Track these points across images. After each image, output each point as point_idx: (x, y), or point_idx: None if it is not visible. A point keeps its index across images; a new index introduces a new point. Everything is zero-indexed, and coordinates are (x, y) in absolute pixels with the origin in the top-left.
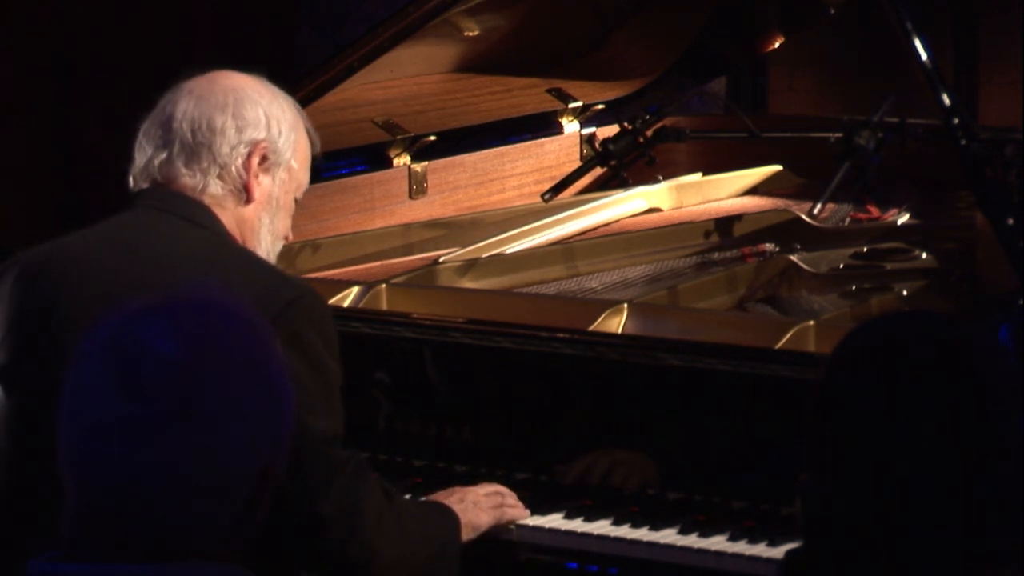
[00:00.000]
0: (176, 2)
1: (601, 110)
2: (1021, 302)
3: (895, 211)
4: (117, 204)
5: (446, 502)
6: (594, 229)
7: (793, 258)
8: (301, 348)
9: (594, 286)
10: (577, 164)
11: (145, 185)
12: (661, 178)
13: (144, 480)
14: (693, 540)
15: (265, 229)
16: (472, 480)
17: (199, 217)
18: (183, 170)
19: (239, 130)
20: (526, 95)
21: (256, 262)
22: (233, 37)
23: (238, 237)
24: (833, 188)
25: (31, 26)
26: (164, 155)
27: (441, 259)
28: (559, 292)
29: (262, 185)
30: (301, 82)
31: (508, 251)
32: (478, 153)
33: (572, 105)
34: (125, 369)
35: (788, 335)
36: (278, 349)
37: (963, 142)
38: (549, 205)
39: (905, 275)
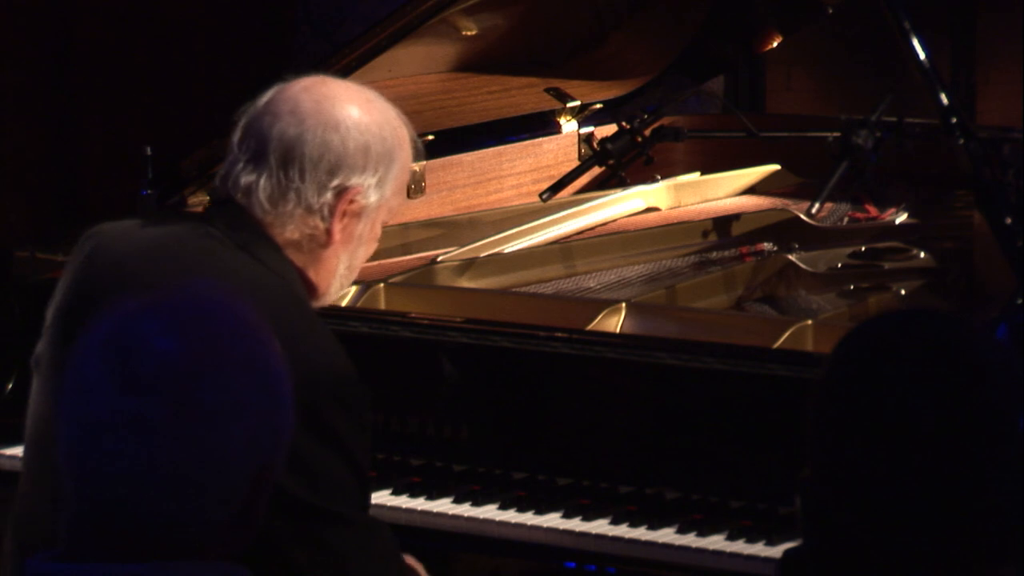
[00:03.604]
0: (176, 2)
1: (599, 109)
2: (1020, 302)
3: (893, 210)
4: (116, 204)
5: None
6: (592, 228)
7: (791, 257)
8: (320, 423)
9: (592, 285)
10: (575, 163)
11: (223, 196)
12: (659, 177)
13: (143, 478)
14: (691, 539)
15: (343, 267)
16: (471, 479)
17: (265, 257)
18: (266, 205)
19: (331, 172)
20: (524, 94)
21: (312, 328)
22: (233, 37)
23: (312, 277)
24: (831, 187)
25: (29, 24)
26: (252, 178)
27: (439, 258)
28: (557, 291)
29: (347, 228)
30: None
31: (506, 250)
32: (476, 152)
33: (570, 104)
34: (124, 366)
35: (786, 335)
36: (277, 346)
37: (961, 141)
38: (547, 204)
39: (903, 274)
